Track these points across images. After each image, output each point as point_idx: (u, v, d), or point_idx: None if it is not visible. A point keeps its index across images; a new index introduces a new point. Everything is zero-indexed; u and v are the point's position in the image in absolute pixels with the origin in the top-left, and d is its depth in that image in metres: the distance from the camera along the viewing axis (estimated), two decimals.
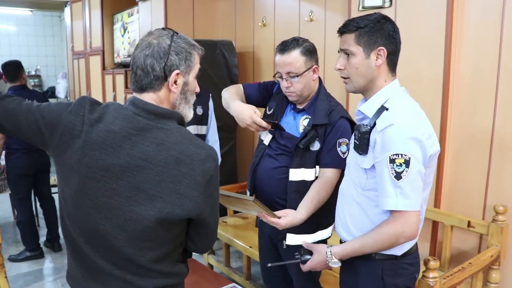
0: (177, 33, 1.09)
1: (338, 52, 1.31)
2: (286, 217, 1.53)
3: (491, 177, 2.07)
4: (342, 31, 1.28)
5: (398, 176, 1.15)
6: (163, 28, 1.10)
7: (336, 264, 1.32)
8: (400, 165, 1.15)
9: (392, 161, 1.15)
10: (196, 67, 1.12)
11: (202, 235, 1.15)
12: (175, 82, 1.07)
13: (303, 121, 1.71)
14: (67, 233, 1.10)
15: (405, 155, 1.14)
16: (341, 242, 1.43)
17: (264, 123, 1.62)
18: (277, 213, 1.53)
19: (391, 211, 1.21)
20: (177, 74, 1.06)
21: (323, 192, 1.63)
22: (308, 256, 1.39)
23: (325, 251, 1.32)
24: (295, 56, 1.64)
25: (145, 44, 1.06)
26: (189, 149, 1.02)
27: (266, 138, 1.79)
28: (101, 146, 1.00)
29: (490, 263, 1.91)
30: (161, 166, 1.00)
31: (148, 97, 1.07)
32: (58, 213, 1.13)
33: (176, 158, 1.00)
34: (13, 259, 3.32)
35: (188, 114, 1.15)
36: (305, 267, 1.40)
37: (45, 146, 1.10)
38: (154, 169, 1.00)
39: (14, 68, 3.32)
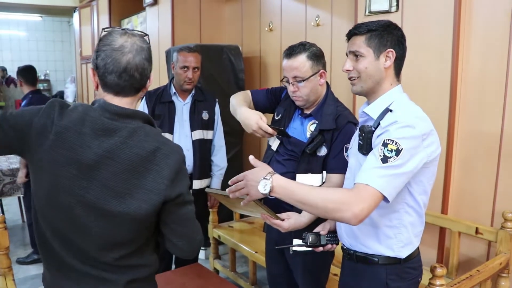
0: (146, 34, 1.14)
1: (346, 55, 1.32)
2: (289, 220, 1.52)
3: (499, 183, 2.05)
4: (353, 33, 1.30)
5: (385, 159, 1.13)
6: (122, 29, 1.10)
7: (263, 188, 1.16)
8: (391, 151, 1.13)
9: (385, 144, 1.14)
10: None
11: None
12: None
13: (311, 126, 1.71)
14: (40, 235, 1.12)
15: (399, 144, 1.13)
16: (343, 248, 1.42)
17: (270, 129, 1.62)
18: (281, 215, 1.53)
19: (358, 185, 1.14)
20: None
21: None
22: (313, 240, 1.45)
23: (267, 171, 1.19)
24: (302, 61, 1.64)
25: (137, 47, 1.07)
26: (152, 146, 1.06)
27: (274, 143, 1.79)
28: (71, 146, 1.02)
29: (499, 270, 1.89)
30: (126, 164, 1.03)
31: (125, 102, 1.09)
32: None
33: (140, 155, 1.04)
34: (21, 261, 3.34)
35: None
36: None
37: (18, 151, 1.11)
38: (119, 167, 1.03)
39: (33, 73, 3.39)
